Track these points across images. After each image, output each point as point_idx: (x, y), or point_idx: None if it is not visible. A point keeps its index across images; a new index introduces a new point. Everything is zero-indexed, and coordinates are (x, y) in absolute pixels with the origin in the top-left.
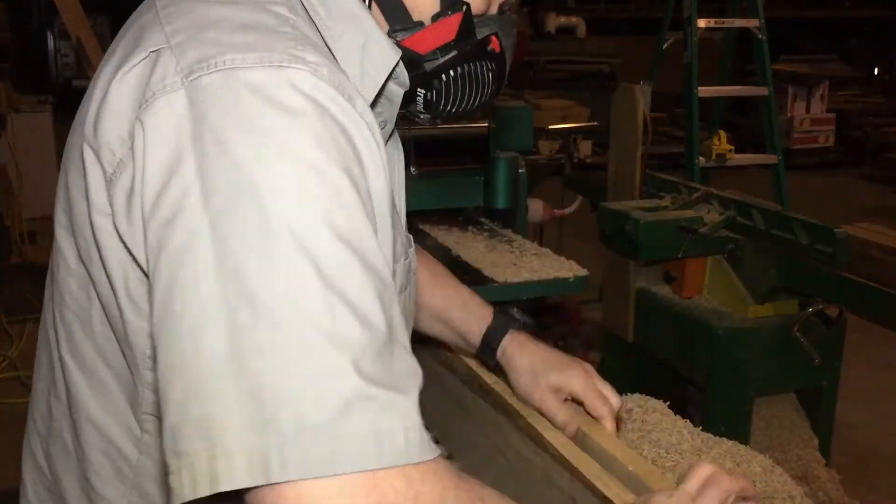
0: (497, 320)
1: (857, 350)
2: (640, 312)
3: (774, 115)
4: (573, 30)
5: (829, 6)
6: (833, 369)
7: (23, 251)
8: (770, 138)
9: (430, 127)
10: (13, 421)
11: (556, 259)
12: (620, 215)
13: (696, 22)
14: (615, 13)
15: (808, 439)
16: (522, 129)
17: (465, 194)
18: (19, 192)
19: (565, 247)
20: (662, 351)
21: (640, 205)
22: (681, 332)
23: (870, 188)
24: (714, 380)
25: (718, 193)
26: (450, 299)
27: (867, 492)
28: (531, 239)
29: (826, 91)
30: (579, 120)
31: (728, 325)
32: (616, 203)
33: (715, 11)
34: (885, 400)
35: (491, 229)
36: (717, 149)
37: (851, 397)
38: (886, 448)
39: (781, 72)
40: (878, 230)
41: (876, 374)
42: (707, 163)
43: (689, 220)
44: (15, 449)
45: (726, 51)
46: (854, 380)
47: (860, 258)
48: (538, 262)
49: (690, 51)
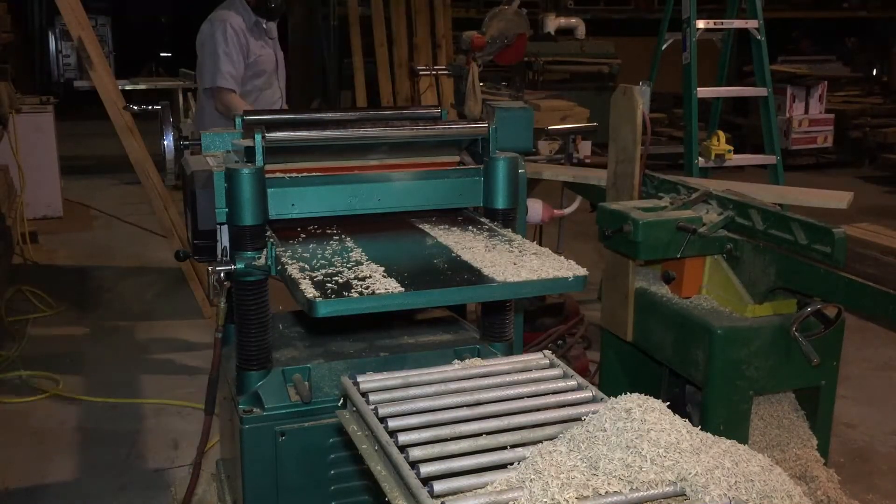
0: None
1: (855, 350)
2: (639, 312)
3: (773, 116)
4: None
5: (828, 7)
6: (831, 369)
7: (24, 251)
8: (769, 139)
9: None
10: (13, 421)
11: (555, 259)
12: (620, 215)
13: (695, 23)
14: (615, 14)
15: (807, 439)
16: (522, 129)
17: (465, 194)
18: (21, 193)
19: (565, 247)
20: (661, 351)
21: (639, 205)
22: (680, 331)
23: (868, 188)
24: (713, 379)
25: (717, 193)
26: None
27: (865, 491)
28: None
29: (824, 91)
30: (579, 120)
31: (727, 325)
32: (615, 203)
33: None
34: (884, 400)
35: (491, 229)
36: (716, 149)
37: (850, 397)
38: (885, 448)
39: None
40: (877, 230)
41: (874, 373)
42: (706, 163)
43: (688, 220)
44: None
45: (725, 51)
46: (852, 379)
47: (858, 258)
48: (538, 262)
49: (690, 51)
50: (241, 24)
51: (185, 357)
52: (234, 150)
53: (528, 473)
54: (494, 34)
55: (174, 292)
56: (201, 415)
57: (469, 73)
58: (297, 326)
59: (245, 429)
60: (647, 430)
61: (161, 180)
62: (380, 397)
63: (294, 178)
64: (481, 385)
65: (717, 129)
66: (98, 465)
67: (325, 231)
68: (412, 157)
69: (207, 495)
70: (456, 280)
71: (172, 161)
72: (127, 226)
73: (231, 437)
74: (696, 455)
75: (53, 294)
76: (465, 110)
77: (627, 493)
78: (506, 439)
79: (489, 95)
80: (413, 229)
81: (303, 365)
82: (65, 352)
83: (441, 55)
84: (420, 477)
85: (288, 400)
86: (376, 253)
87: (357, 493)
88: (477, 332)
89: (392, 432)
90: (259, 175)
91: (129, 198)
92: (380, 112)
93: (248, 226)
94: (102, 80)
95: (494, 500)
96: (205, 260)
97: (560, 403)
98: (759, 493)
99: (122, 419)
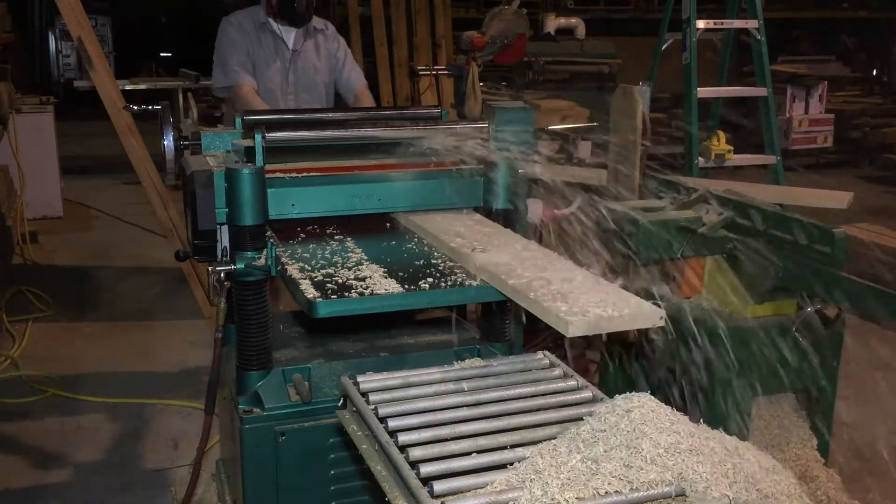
0: None
1: (855, 350)
2: None
3: (773, 116)
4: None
5: (828, 7)
6: (832, 369)
7: (24, 251)
8: (769, 139)
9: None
10: (13, 421)
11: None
12: (620, 215)
13: (695, 23)
14: (615, 14)
15: (807, 439)
16: (522, 129)
17: (464, 194)
18: (21, 193)
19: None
20: (662, 351)
21: (639, 205)
22: (680, 331)
23: (868, 188)
24: (713, 380)
25: (717, 193)
26: None
27: (866, 491)
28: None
29: (824, 92)
30: (579, 120)
31: (727, 325)
32: (615, 203)
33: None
34: (885, 400)
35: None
36: (716, 149)
37: (850, 397)
38: (885, 448)
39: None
40: (877, 230)
41: (875, 374)
42: (706, 163)
43: (688, 221)
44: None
45: (725, 52)
46: (853, 380)
47: (858, 258)
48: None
49: (689, 51)
50: (246, 23)
51: (185, 357)
52: (234, 150)
53: (528, 473)
54: (494, 34)
55: (174, 292)
56: (201, 415)
57: (469, 73)
58: (297, 326)
59: (245, 429)
60: (647, 430)
61: (161, 180)
62: (380, 397)
63: (294, 178)
64: (481, 385)
65: (718, 130)
66: (98, 465)
67: (324, 231)
68: (412, 157)
69: (207, 495)
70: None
71: (172, 161)
72: (127, 226)
73: (231, 437)
74: (696, 455)
75: (53, 294)
76: (465, 110)
77: (627, 493)
78: (506, 439)
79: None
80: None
81: (303, 365)
82: (65, 352)
83: (441, 55)
84: (420, 477)
85: (288, 400)
86: (376, 253)
87: (357, 493)
88: (477, 332)
89: (392, 432)
90: (259, 175)
91: (129, 198)
92: (380, 112)
93: (248, 226)
94: (102, 80)
95: (494, 500)
96: (205, 260)
97: (560, 403)
98: (760, 493)
99: (122, 419)
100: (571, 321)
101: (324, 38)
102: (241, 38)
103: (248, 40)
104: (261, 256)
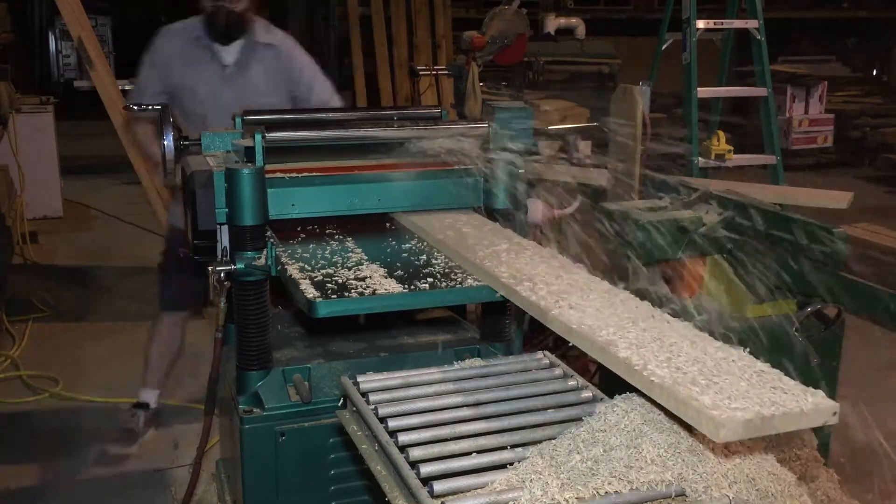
0: None
1: (855, 350)
2: None
3: (773, 116)
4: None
5: (828, 7)
6: (832, 369)
7: (24, 251)
8: (769, 139)
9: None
10: (13, 421)
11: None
12: (620, 215)
13: (695, 23)
14: (615, 14)
15: (807, 439)
16: (522, 129)
17: (465, 194)
18: (21, 193)
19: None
20: None
21: (639, 205)
22: None
23: (868, 188)
24: None
25: (717, 193)
26: None
27: (865, 491)
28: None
29: (825, 92)
30: (579, 120)
31: (727, 325)
32: (615, 203)
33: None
34: (885, 400)
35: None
36: (717, 149)
37: (850, 397)
38: (885, 448)
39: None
40: (877, 230)
41: (875, 374)
42: (706, 163)
43: (688, 221)
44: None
45: (725, 52)
46: (853, 380)
47: (859, 258)
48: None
49: (690, 51)
50: (183, 36)
51: (186, 357)
52: (234, 150)
53: (528, 473)
54: (494, 34)
55: None
56: (201, 415)
57: (469, 73)
58: (297, 326)
59: (245, 429)
60: (646, 430)
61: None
62: (380, 397)
63: (294, 178)
64: (481, 385)
65: (718, 129)
66: (98, 465)
67: (324, 231)
68: (412, 157)
69: (207, 495)
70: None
71: (172, 161)
72: (127, 226)
73: (231, 437)
74: (697, 456)
75: (53, 294)
76: (465, 110)
77: (627, 493)
78: (506, 439)
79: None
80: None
81: (303, 365)
82: (65, 352)
83: (441, 55)
84: (420, 477)
85: (288, 400)
86: (376, 253)
87: (357, 493)
88: (477, 332)
89: (392, 432)
90: (259, 175)
91: (129, 198)
92: (380, 112)
93: (248, 226)
94: (102, 80)
95: (494, 500)
96: (205, 260)
97: (560, 403)
98: (760, 493)
99: (122, 419)
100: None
101: (274, 56)
102: (168, 61)
103: (176, 63)
104: (261, 256)
